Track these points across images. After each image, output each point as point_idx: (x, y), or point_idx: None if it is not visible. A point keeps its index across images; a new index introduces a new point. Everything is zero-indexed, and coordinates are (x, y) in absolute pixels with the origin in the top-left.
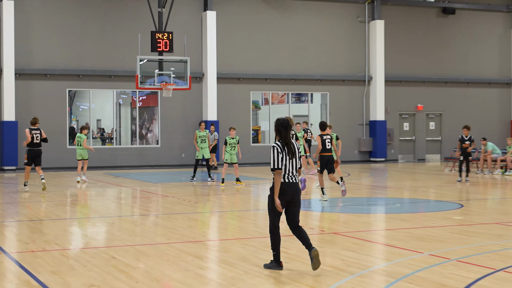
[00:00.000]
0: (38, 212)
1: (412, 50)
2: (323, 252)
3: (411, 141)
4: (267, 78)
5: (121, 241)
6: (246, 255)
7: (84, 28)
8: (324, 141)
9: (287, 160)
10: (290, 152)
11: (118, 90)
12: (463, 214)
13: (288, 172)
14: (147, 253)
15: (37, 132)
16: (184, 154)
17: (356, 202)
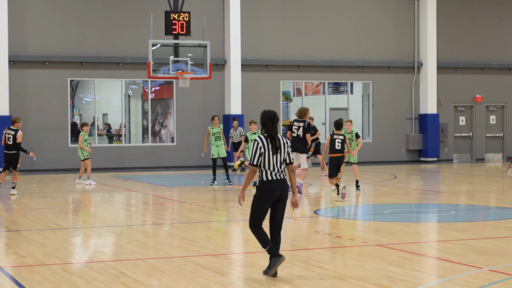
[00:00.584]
0: (36, 221)
1: (468, 32)
2: (365, 267)
3: (468, 138)
4: (300, 65)
5: (131, 255)
6: None
7: (87, 8)
8: (334, 141)
9: (271, 156)
10: (274, 147)
11: (127, 80)
12: None
13: (273, 168)
14: (161, 268)
15: (11, 132)
16: (203, 154)
17: (403, 209)
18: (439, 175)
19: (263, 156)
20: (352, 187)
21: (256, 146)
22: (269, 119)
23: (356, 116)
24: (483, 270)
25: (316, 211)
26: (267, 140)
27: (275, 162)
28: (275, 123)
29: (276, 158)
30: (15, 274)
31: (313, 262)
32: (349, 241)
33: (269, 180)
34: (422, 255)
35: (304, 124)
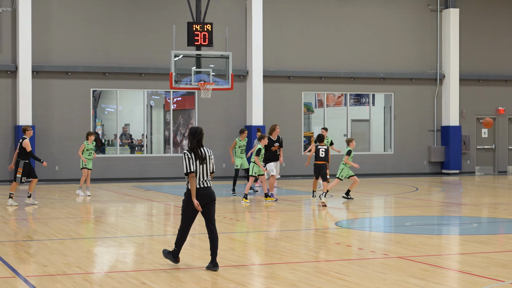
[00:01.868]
0: (57, 230)
1: (492, 43)
2: (386, 279)
3: (491, 150)
4: (322, 76)
5: (152, 265)
6: (296, 282)
7: (111, 19)
8: (318, 150)
9: (198, 166)
10: (199, 158)
11: (150, 90)
12: None
13: (199, 177)
14: (182, 279)
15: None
16: (225, 165)
17: (425, 221)
18: (461, 188)
19: (192, 165)
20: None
21: (187, 157)
22: (191, 134)
23: (378, 127)
24: (506, 283)
25: (337, 222)
26: (192, 153)
27: (202, 171)
28: (197, 137)
29: (202, 168)
30: (37, 283)
31: (335, 274)
32: (371, 253)
33: (197, 188)
34: (443, 267)
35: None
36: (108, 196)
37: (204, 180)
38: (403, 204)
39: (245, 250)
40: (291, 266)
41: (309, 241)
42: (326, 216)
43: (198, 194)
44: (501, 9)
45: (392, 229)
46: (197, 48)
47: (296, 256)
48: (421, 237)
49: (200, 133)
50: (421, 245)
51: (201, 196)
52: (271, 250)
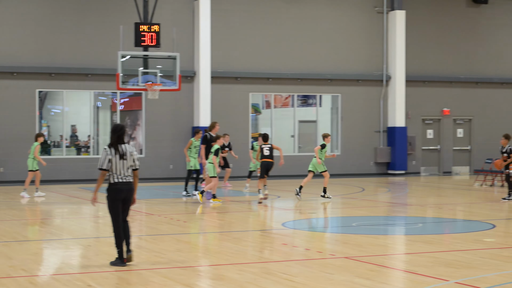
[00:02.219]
0: (2, 233)
1: (437, 45)
2: (332, 280)
3: (436, 151)
4: (269, 77)
5: (99, 267)
6: (243, 282)
7: (57, 19)
8: (263, 149)
9: (118, 162)
10: (118, 154)
11: (96, 91)
12: (496, 235)
13: (119, 172)
14: (129, 280)
15: None
16: (172, 166)
17: (372, 221)
18: (406, 188)
19: (111, 162)
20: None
21: (105, 154)
22: (113, 131)
23: (325, 128)
24: (450, 283)
25: (284, 223)
26: (111, 149)
27: (121, 167)
28: (117, 133)
29: (122, 163)
30: None
31: (281, 275)
32: (317, 253)
33: (116, 183)
34: (389, 267)
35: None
36: (54, 198)
37: (124, 175)
38: (349, 205)
39: (192, 252)
40: (238, 267)
41: (256, 242)
42: (273, 217)
43: (119, 189)
44: (446, 11)
45: (338, 230)
46: (144, 49)
47: (243, 257)
48: (368, 237)
49: (121, 129)
50: (367, 245)
51: (122, 190)
52: (218, 251)
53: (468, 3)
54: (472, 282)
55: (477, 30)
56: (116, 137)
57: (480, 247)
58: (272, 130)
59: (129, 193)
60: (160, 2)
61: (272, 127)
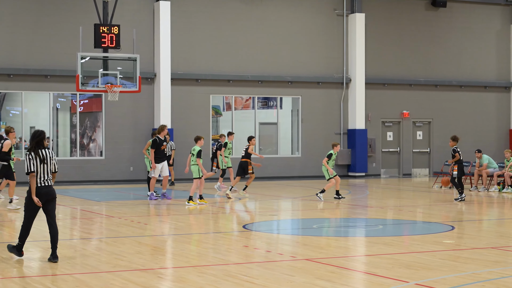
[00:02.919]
0: None
1: (397, 48)
2: (293, 282)
3: (396, 153)
4: (230, 79)
5: (59, 269)
6: (204, 285)
7: (15, 20)
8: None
9: (38, 166)
10: (39, 159)
11: (56, 93)
12: (454, 237)
13: (40, 176)
14: (89, 283)
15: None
16: (132, 168)
17: (332, 223)
18: (367, 190)
19: (32, 165)
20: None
21: (28, 159)
22: (32, 137)
23: (285, 130)
24: (410, 284)
25: (245, 225)
26: (32, 154)
27: (42, 171)
28: (36, 139)
29: (43, 168)
30: None
31: (242, 277)
32: (278, 255)
33: (37, 187)
34: (350, 269)
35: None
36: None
37: (45, 179)
38: (310, 207)
39: (153, 254)
40: (199, 270)
41: (217, 244)
42: (234, 218)
43: (39, 192)
44: (405, 14)
45: (299, 232)
46: (104, 50)
47: (204, 259)
48: (328, 239)
49: (39, 135)
50: (328, 247)
51: (42, 194)
52: (179, 254)
53: (427, 6)
54: (431, 284)
55: (436, 33)
56: (35, 143)
57: (439, 249)
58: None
59: (49, 196)
60: (120, 3)
61: (233, 129)
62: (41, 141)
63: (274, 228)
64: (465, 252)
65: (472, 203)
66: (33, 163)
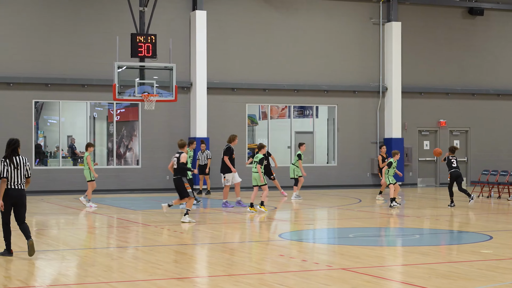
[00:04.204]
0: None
1: (433, 56)
2: None
3: (432, 162)
4: (266, 88)
5: (95, 278)
6: None
7: (53, 30)
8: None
9: (12, 171)
10: (13, 165)
11: (93, 102)
12: (493, 247)
13: (13, 181)
14: None
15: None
16: (168, 177)
17: (368, 233)
18: (403, 199)
19: (6, 171)
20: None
21: (2, 165)
22: (7, 144)
23: (321, 139)
24: None
25: (281, 234)
26: (6, 160)
27: (15, 176)
28: (11, 147)
29: (16, 173)
30: None
31: (278, 286)
32: (314, 264)
33: (9, 189)
34: (386, 279)
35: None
36: (50, 209)
37: (17, 183)
38: (346, 216)
39: (189, 263)
40: (235, 278)
41: (253, 253)
42: (269, 228)
43: (10, 194)
44: (442, 22)
45: (335, 241)
46: (141, 60)
47: (240, 268)
48: (364, 248)
49: (14, 143)
50: (364, 256)
51: (13, 196)
52: (215, 262)
53: (464, 14)
54: None
55: (473, 41)
56: (10, 150)
57: (477, 259)
58: (268, 141)
59: (20, 198)
60: (156, 13)
61: (269, 138)
62: (16, 149)
63: (310, 237)
64: (504, 262)
65: (510, 212)
66: (6, 169)
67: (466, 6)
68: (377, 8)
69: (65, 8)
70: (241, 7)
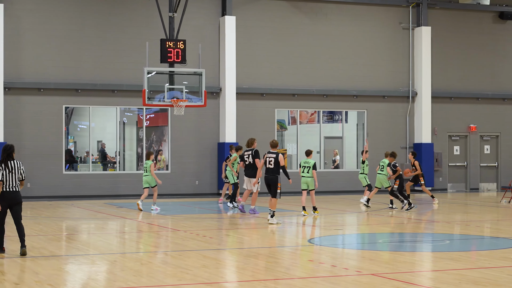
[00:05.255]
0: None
1: (463, 61)
2: None
3: (463, 168)
4: (295, 93)
5: (125, 282)
6: None
7: (83, 36)
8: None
9: (7, 175)
10: (8, 169)
11: (122, 107)
12: None
13: (8, 184)
14: None
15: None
16: (198, 182)
17: (398, 238)
18: (433, 205)
19: (2, 175)
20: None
21: None
22: (3, 149)
23: (350, 145)
24: None
25: (310, 239)
26: (1, 165)
27: (10, 179)
28: (6, 152)
29: (11, 176)
30: None
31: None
32: (344, 270)
33: (5, 192)
34: (416, 284)
35: (252, 151)
36: (80, 213)
37: (12, 185)
38: (376, 221)
39: (218, 268)
40: (264, 284)
41: (282, 258)
42: (299, 233)
43: (6, 196)
44: (472, 27)
45: (365, 246)
46: (170, 65)
47: (269, 273)
48: (394, 254)
49: (9, 149)
50: (393, 262)
51: (9, 198)
52: (244, 268)
53: (494, 19)
54: None
55: (504, 46)
56: (6, 155)
57: (508, 265)
58: (297, 146)
59: (15, 200)
60: (185, 19)
61: (298, 143)
62: (11, 154)
63: (340, 242)
64: None
65: None
66: (2, 173)
67: (497, 11)
68: (406, 13)
69: (95, 15)
70: (270, 13)
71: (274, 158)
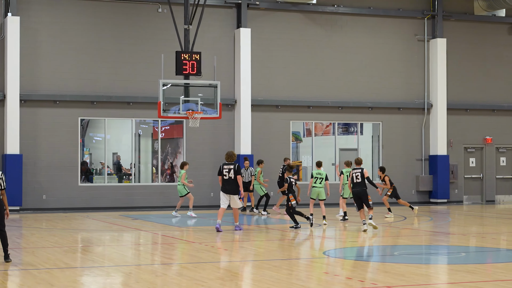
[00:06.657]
0: (44, 260)
1: (479, 73)
2: None
3: (478, 180)
4: (310, 105)
5: None
6: None
7: (99, 48)
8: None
9: None
10: None
11: (138, 119)
12: None
13: None
14: None
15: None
16: (213, 194)
17: (413, 250)
18: (449, 217)
19: None
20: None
21: None
22: None
23: (366, 156)
24: None
25: (325, 252)
26: None
27: None
28: None
29: None
30: None
31: None
32: (359, 282)
33: None
34: None
35: (234, 166)
36: (95, 225)
37: None
38: (391, 233)
39: (233, 280)
40: None
41: (297, 271)
42: (314, 245)
43: None
44: (487, 38)
45: (380, 258)
46: (186, 77)
47: (284, 285)
48: (409, 266)
49: None
50: (409, 274)
51: None
52: (259, 280)
53: (510, 30)
54: None
55: None
56: None
57: None
58: (313, 158)
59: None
60: (201, 31)
61: (313, 155)
62: None
63: (355, 254)
64: None
65: None
66: None
67: None
68: (422, 25)
69: (111, 27)
70: (285, 25)
71: (360, 172)
